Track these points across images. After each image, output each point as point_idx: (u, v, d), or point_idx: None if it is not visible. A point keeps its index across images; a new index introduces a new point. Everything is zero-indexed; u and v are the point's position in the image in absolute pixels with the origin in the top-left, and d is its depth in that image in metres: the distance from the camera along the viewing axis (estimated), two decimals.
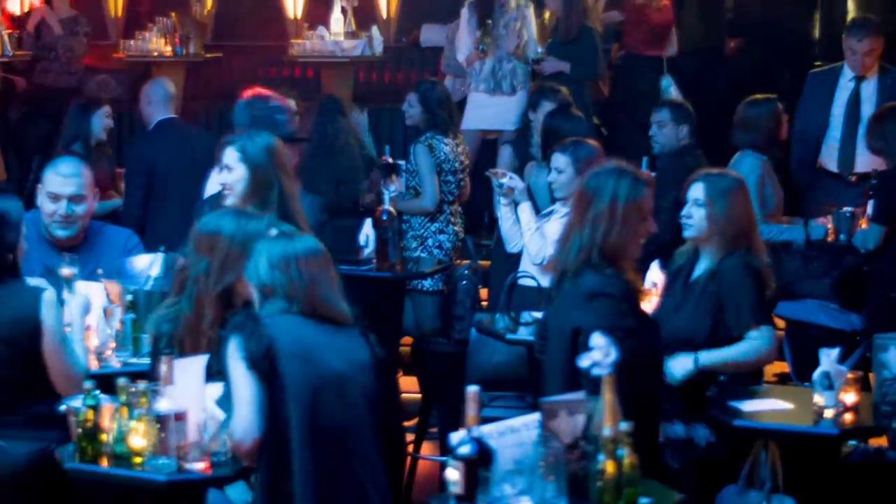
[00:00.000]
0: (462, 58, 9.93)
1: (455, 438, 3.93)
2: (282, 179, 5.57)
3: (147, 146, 8.33)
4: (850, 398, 5.14)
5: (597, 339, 4.13)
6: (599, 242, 4.68)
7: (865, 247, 7.30)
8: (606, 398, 4.03)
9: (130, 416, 4.49)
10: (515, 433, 4.03)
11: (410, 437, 7.27)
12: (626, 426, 3.97)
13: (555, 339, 4.74)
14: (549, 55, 9.84)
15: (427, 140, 8.10)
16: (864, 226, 7.36)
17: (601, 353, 4.10)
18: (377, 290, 7.14)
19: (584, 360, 4.13)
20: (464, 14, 9.91)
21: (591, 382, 4.13)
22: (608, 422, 3.98)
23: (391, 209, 7.14)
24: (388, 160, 8.02)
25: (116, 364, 5.37)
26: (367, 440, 4.46)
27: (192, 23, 12.14)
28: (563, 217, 5.91)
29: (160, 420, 4.44)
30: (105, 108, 8.69)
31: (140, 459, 4.47)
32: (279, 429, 4.31)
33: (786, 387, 7.17)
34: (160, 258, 5.79)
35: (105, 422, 4.54)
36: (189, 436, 4.44)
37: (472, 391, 3.96)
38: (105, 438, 4.53)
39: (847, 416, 5.11)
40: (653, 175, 7.68)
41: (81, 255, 5.75)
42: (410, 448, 7.18)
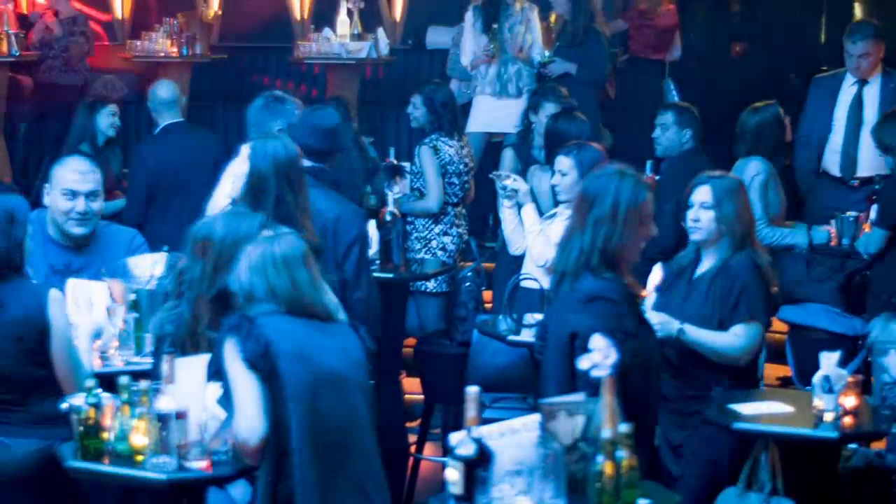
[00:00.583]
0: (466, 61, 9.93)
1: (454, 439, 3.93)
2: (284, 190, 5.43)
3: (153, 149, 8.33)
4: (851, 402, 5.13)
5: (597, 341, 4.14)
6: (600, 245, 4.68)
7: (868, 251, 7.30)
8: (606, 400, 4.04)
9: (132, 415, 4.49)
10: (515, 434, 4.03)
11: (413, 438, 7.29)
12: (626, 428, 3.98)
13: (553, 342, 4.74)
14: (557, 58, 9.85)
15: (432, 142, 8.07)
16: (867, 230, 7.36)
17: (601, 355, 4.11)
18: (381, 292, 7.14)
19: (584, 362, 4.14)
20: (468, 18, 9.90)
21: (589, 385, 4.14)
22: (607, 424, 3.98)
23: (395, 211, 7.15)
24: (393, 162, 8.04)
25: (119, 363, 5.37)
26: (367, 438, 4.48)
27: (199, 24, 12.14)
28: (567, 220, 5.92)
29: (161, 419, 4.44)
30: (110, 107, 8.71)
31: (141, 458, 4.47)
32: (279, 429, 4.32)
33: (786, 390, 7.18)
34: (163, 258, 5.80)
35: (107, 420, 4.55)
36: (190, 434, 4.45)
37: (473, 392, 3.96)
38: (106, 437, 4.54)
39: (847, 420, 5.10)
40: (656, 178, 7.71)
41: (86, 255, 5.78)
42: (413, 449, 7.20)
